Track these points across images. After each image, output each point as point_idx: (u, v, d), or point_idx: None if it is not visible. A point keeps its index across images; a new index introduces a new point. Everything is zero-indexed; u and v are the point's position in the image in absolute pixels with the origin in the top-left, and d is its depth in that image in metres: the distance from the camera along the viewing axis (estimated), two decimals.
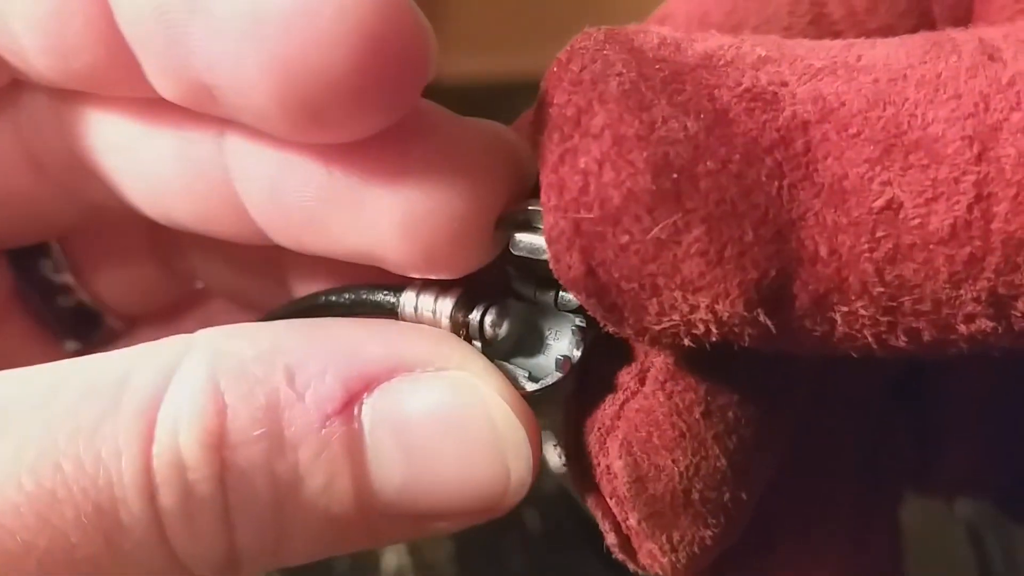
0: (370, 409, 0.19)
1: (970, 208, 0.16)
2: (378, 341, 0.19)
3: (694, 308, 0.17)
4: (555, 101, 0.17)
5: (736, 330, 0.17)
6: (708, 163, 0.16)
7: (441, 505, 0.19)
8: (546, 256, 0.18)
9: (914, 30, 0.19)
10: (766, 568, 0.23)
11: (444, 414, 0.19)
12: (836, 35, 0.23)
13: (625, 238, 0.17)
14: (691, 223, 0.16)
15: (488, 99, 0.20)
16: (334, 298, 0.22)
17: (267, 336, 0.19)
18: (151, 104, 0.20)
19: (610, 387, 0.21)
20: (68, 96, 0.21)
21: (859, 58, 0.17)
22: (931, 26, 0.23)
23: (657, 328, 0.17)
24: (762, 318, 0.17)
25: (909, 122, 0.16)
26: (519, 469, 0.19)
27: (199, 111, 0.19)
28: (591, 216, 0.17)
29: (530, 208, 0.19)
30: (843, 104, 0.17)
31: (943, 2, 0.23)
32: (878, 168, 0.16)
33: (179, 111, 0.19)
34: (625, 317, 0.18)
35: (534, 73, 0.19)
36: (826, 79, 0.17)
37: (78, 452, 0.17)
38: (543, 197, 0.17)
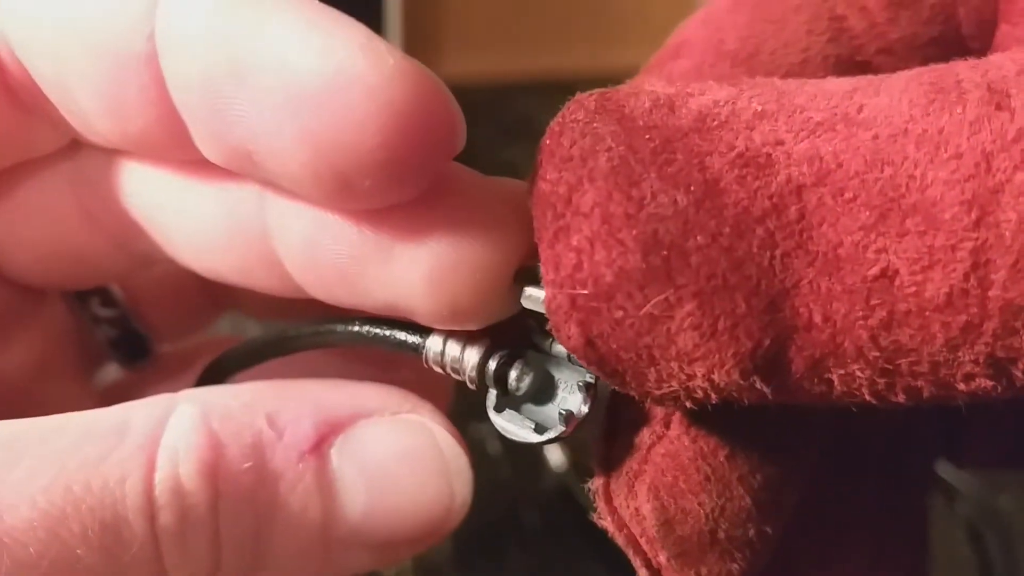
0: (338, 449, 0.22)
1: (967, 276, 0.16)
2: (342, 394, 0.23)
3: (691, 377, 0.18)
4: (548, 176, 0.18)
5: (735, 395, 0.18)
6: (698, 238, 0.17)
7: (398, 528, 0.22)
8: None
9: (939, 37, 0.19)
10: None
11: (400, 450, 0.22)
12: (857, 49, 0.23)
13: (619, 313, 0.17)
14: (683, 298, 0.17)
15: (488, 99, 0.20)
16: (355, 328, 0.23)
17: (247, 392, 0.22)
18: (197, 165, 0.22)
19: (638, 431, 0.21)
20: (120, 156, 0.24)
21: (860, 109, 0.17)
22: (955, 31, 0.23)
23: (658, 393, 0.18)
24: (758, 385, 0.18)
25: (907, 184, 0.16)
26: (462, 492, 0.23)
27: (241, 174, 0.21)
28: (586, 292, 0.18)
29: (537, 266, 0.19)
30: (840, 165, 0.17)
31: (967, 4, 0.22)
32: (873, 235, 0.16)
33: (223, 172, 0.22)
34: (627, 382, 0.18)
35: (534, 73, 0.19)
36: (824, 136, 0.17)
37: (87, 477, 0.19)
38: (543, 271, 0.18)
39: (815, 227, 0.17)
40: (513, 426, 0.22)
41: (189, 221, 0.23)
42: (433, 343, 0.22)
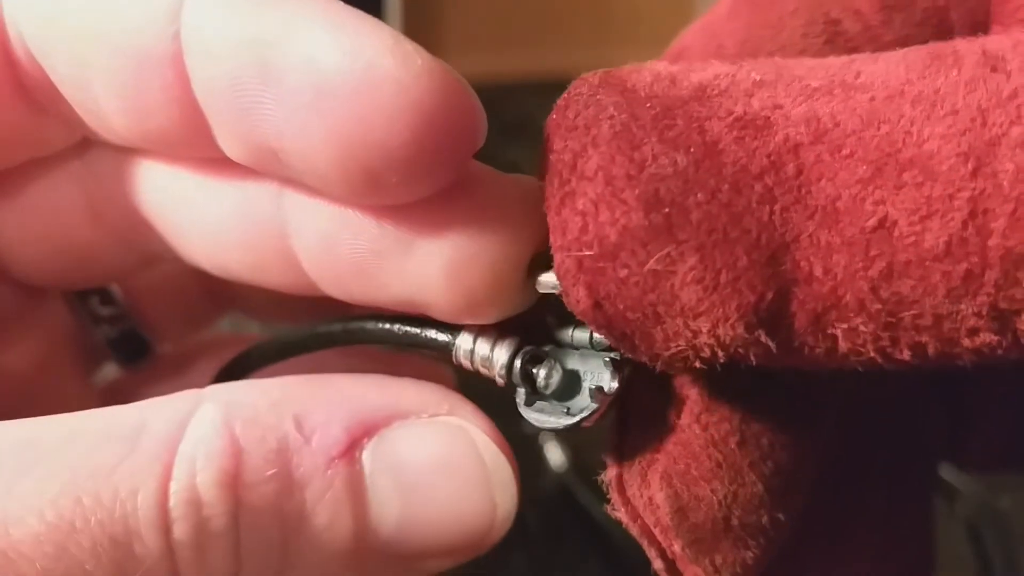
0: (370, 453, 0.21)
1: (965, 224, 0.16)
2: (376, 392, 0.22)
3: (696, 333, 0.18)
4: (554, 147, 0.19)
5: (741, 351, 0.18)
6: (698, 195, 0.17)
7: (433, 541, 0.21)
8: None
9: (932, 39, 0.19)
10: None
11: (437, 456, 0.21)
12: (852, 51, 0.23)
13: (624, 272, 0.18)
14: (685, 253, 0.17)
15: (488, 99, 0.20)
16: (386, 326, 0.24)
17: (276, 389, 0.21)
18: (214, 162, 0.22)
19: (649, 420, 0.22)
20: (131, 154, 0.24)
21: (858, 75, 0.18)
22: (948, 33, 0.23)
23: (667, 354, 0.19)
24: (764, 339, 0.18)
25: (904, 140, 0.17)
26: (505, 504, 0.22)
27: (262, 171, 0.21)
28: (591, 253, 0.18)
29: (546, 250, 0.20)
30: (837, 124, 0.17)
31: (960, 7, 0.23)
32: (871, 187, 0.17)
33: (241, 170, 0.22)
34: (636, 345, 0.19)
35: (534, 73, 0.20)
36: (821, 99, 0.18)
37: (97, 488, 0.19)
38: (551, 238, 0.19)
39: (813, 182, 0.17)
40: (544, 415, 0.22)
41: (203, 218, 0.23)
42: (463, 341, 0.22)
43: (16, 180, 0.25)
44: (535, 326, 0.22)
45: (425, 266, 0.21)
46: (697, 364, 0.19)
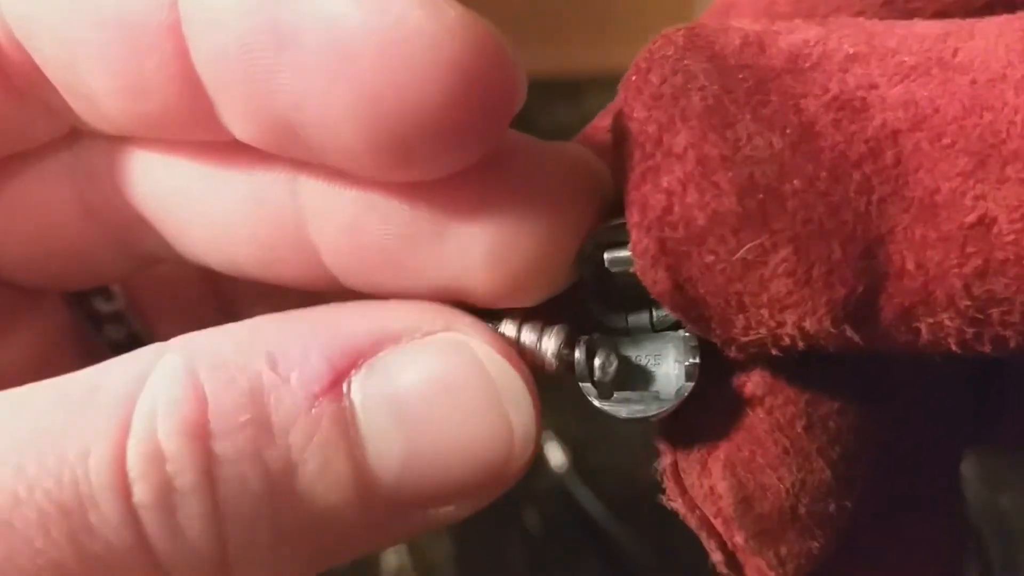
0: (359, 385, 0.19)
1: None
2: (359, 317, 0.20)
3: (781, 324, 0.18)
4: (635, 115, 0.18)
5: (822, 342, 0.18)
6: (795, 182, 0.17)
7: (447, 479, 0.19)
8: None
9: None
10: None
11: (437, 378, 0.19)
12: (913, 12, 0.23)
13: (711, 258, 0.17)
14: (778, 244, 0.17)
15: None
16: None
17: (244, 328, 0.19)
18: (218, 148, 0.21)
19: (707, 406, 0.21)
20: (126, 145, 0.22)
21: (955, 52, 0.17)
22: None
23: (744, 340, 0.18)
24: (848, 332, 0.18)
25: (1008, 130, 0.16)
26: (523, 422, 0.19)
27: (276, 153, 0.20)
28: (676, 236, 0.18)
29: (615, 224, 0.20)
30: (937, 110, 0.17)
31: None
32: (972, 181, 0.16)
33: (249, 155, 0.20)
34: (712, 328, 0.19)
35: (534, 73, 0.19)
36: (919, 80, 0.17)
37: (41, 454, 0.17)
38: (627, 213, 0.18)
39: (911, 172, 0.17)
40: (631, 405, 0.21)
41: (208, 211, 0.21)
42: (507, 328, 0.21)
43: (1, 175, 0.23)
44: (570, 305, 0.21)
45: (464, 250, 0.19)
46: (773, 351, 0.18)
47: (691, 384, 0.20)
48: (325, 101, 0.17)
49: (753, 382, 0.21)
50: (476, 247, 0.19)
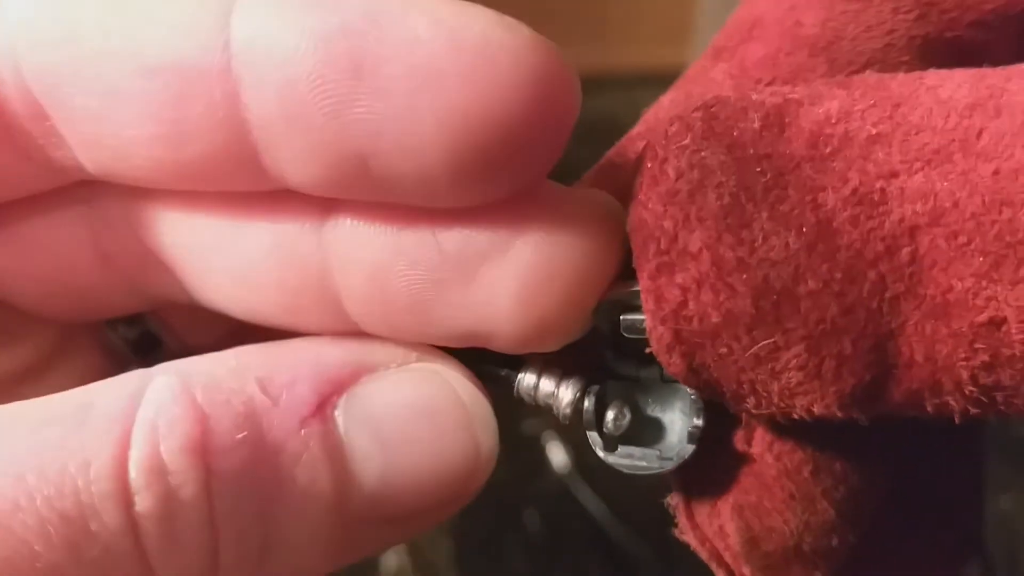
0: (343, 410, 0.20)
1: None
2: (338, 348, 0.21)
3: (790, 407, 0.18)
4: (651, 207, 0.18)
5: (829, 418, 0.19)
6: (809, 283, 0.17)
7: (419, 491, 0.20)
8: None
9: None
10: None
11: (414, 402, 0.21)
12: (948, 25, 0.23)
13: (724, 350, 0.18)
14: (791, 342, 0.17)
15: None
16: None
17: (231, 357, 0.20)
18: (241, 199, 0.21)
19: (719, 449, 0.22)
20: (147, 194, 0.22)
21: (979, 134, 0.17)
22: None
23: (755, 413, 0.19)
24: (856, 414, 0.18)
25: None
26: (488, 442, 0.21)
27: (321, 194, 0.20)
28: (690, 328, 0.18)
29: (632, 290, 0.20)
30: (956, 204, 0.17)
31: None
32: (985, 282, 0.16)
33: (273, 205, 0.21)
34: (727, 402, 0.19)
35: None
36: (940, 168, 0.17)
37: (42, 464, 0.17)
38: (643, 299, 0.19)
39: (926, 270, 0.17)
40: (633, 460, 0.22)
41: (229, 261, 0.22)
42: (527, 377, 0.22)
43: (10, 217, 0.23)
44: (587, 352, 0.22)
45: (492, 292, 0.20)
46: (782, 421, 0.19)
47: (692, 447, 0.21)
48: (408, 123, 0.18)
49: (762, 428, 0.21)
50: (505, 288, 0.20)
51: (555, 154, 0.19)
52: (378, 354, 0.21)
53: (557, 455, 0.54)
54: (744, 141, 0.18)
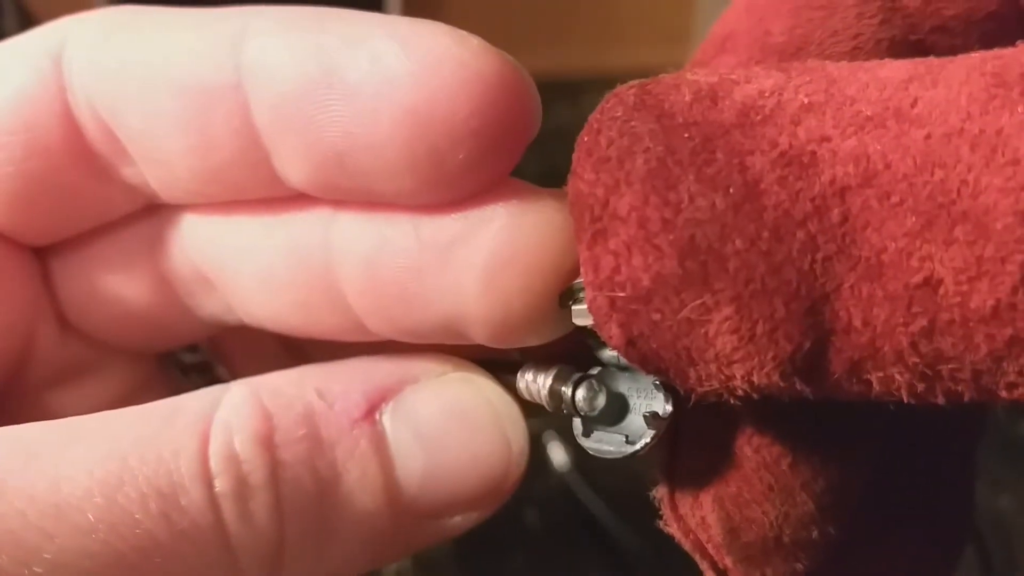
0: (389, 415, 0.23)
1: (1014, 290, 0.15)
2: (386, 363, 0.24)
3: (730, 378, 0.18)
4: (585, 177, 0.19)
5: (775, 393, 0.18)
6: (736, 242, 0.17)
7: (458, 489, 0.23)
8: None
9: (997, 11, 0.19)
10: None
11: (451, 407, 0.23)
12: (911, 28, 0.22)
13: (657, 316, 0.18)
14: (720, 303, 0.17)
15: None
16: None
17: (295, 372, 0.24)
18: (263, 206, 0.24)
19: (700, 441, 0.22)
20: (190, 211, 0.26)
21: (915, 102, 0.17)
22: (1015, 2, 0.22)
23: (701, 390, 0.19)
24: (798, 385, 0.18)
25: (959, 190, 0.16)
26: (518, 440, 0.23)
27: (322, 194, 0.23)
28: (624, 295, 0.18)
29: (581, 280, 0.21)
30: (888, 166, 0.17)
31: None
32: (919, 242, 0.16)
33: (288, 205, 0.24)
34: (671, 378, 0.19)
35: (534, 73, 0.21)
36: (873, 132, 0.17)
37: (141, 451, 0.20)
38: (582, 271, 0.19)
39: (858, 231, 0.17)
40: (603, 445, 0.22)
41: (254, 263, 0.25)
42: (524, 375, 0.24)
43: (86, 244, 0.26)
44: (583, 352, 0.23)
45: (461, 275, 0.21)
46: (732, 400, 0.19)
47: (652, 432, 0.21)
48: (370, 124, 0.20)
49: (743, 420, 0.21)
50: (470, 274, 0.21)
51: (513, 153, 0.21)
52: (420, 367, 0.24)
53: (557, 454, 0.54)
54: (674, 112, 0.18)
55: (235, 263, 0.25)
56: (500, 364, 0.24)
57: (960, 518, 0.25)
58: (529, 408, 0.24)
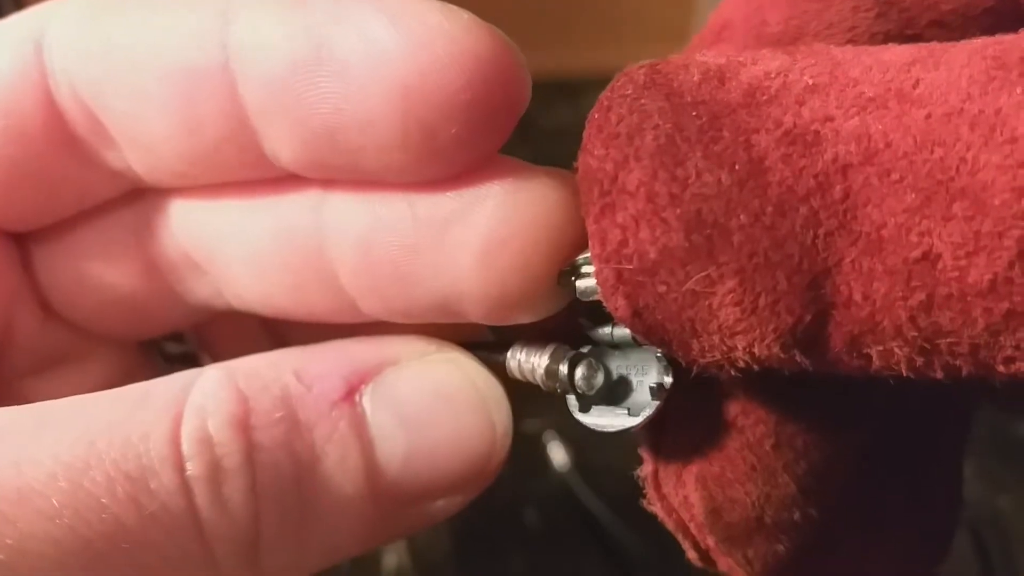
0: (369, 397, 0.22)
1: (1011, 264, 0.16)
2: (366, 346, 0.23)
3: (732, 349, 0.19)
4: (595, 152, 0.19)
5: (776, 365, 0.19)
6: (741, 217, 0.18)
7: (440, 472, 0.22)
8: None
9: (995, 6, 0.19)
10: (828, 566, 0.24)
11: (434, 387, 0.23)
12: (908, 23, 0.23)
13: (663, 288, 0.18)
14: (725, 275, 0.18)
15: None
16: None
17: (271, 354, 0.23)
18: (252, 188, 0.24)
19: (685, 420, 0.22)
20: (177, 195, 0.25)
21: (916, 84, 0.18)
22: None
23: (703, 361, 0.19)
24: (799, 358, 0.18)
25: (958, 167, 0.16)
26: (502, 422, 0.23)
27: (313, 174, 0.23)
28: (631, 267, 0.19)
29: (587, 255, 0.21)
30: (889, 144, 0.17)
31: None
32: (918, 217, 0.17)
33: (278, 187, 0.23)
34: (674, 350, 0.20)
35: (534, 73, 0.21)
36: (875, 113, 0.17)
37: (110, 434, 0.20)
38: (590, 244, 0.19)
39: (859, 207, 0.17)
40: (604, 419, 0.22)
41: (244, 246, 0.24)
42: (514, 353, 0.24)
43: (69, 230, 0.26)
44: (574, 332, 0.23)
45: (458, 253, 0.21)
46: (732, 372, 0.19)
47: (657, 403, 0.21)
48: (361, 99, 0.20)
49: (728, 401, 0.22)
50: (467, 252, 0.21)
51: (505, 127, 0.21)
52: (401, 348, 0.23)
53: (557, 454, 0.54)
54: (683, 91, 0.19)
55: (224, 247, 0.25)
56: (481, 345, 0.24)
57: (949, 510, 0.26)
58: (512, 387, 0.24)
